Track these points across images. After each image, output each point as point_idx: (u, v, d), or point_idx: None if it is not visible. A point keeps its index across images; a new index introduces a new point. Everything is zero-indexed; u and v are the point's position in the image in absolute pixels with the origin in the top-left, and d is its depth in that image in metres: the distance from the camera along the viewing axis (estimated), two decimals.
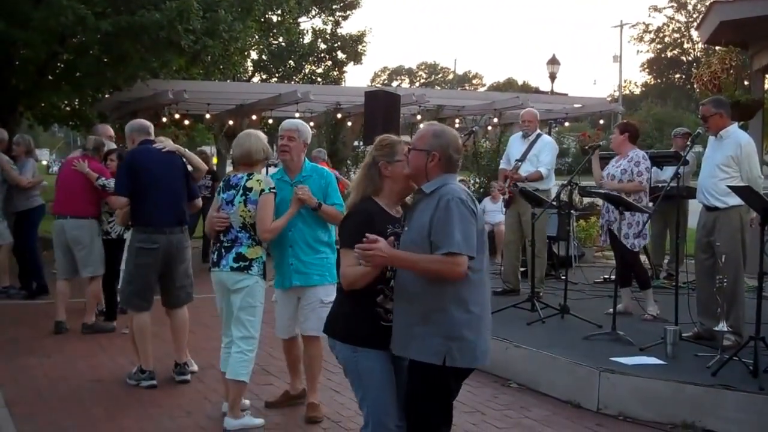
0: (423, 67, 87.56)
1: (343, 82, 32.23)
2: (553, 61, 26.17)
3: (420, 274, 3.22)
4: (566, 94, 23.54)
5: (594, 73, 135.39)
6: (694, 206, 6.95)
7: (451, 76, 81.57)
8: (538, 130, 8.46)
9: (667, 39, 66.61)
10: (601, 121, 19.06)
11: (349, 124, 15.45)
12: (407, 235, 3.34)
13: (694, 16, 59.54)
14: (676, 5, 64.96)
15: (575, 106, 17.53)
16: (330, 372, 5.88)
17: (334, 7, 32.05)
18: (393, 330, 3.35)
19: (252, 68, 30.21)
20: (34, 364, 6.31)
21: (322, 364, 5.32)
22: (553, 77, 26.17)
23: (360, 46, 32.55)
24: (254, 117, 15.18)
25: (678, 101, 56.22)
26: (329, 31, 32.55)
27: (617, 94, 52.86)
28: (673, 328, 5.89)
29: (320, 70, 32.25)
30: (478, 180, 14.10)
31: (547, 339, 6.28)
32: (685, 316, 6.32)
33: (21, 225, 9.13)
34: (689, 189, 8.21)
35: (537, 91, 50.00)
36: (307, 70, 31.87)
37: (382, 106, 9.99)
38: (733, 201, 5.88)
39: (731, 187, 5.74)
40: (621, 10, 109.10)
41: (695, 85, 9.67)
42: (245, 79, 27.90)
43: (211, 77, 17.85)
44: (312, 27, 32.73)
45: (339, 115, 15.39)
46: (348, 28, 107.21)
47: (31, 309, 8.48)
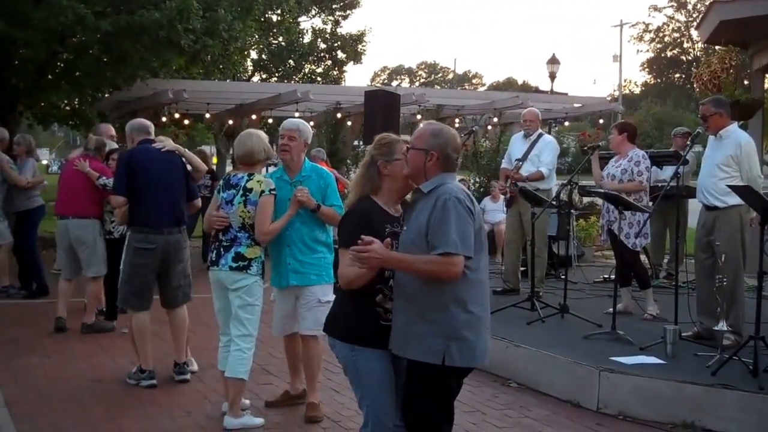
0: (423, 67, 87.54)
1: (343, 82, 32.20)
2: (553, 61, 26.20)
3: (416, 274, 3.21)
4: (566, 94, 23.61)
5: (594, 73, 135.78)
6: (694, 206, 6.95)
7: (450, 76, 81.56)
8: (540, 130, 8.46)
9: (666, 38, 66.58)
10: (601, 121, 19.06)
11: (349, 123, 15.46)
12: (406, 234, 3.34)
13: (694, 15, 59.46)
14: (675, 5, 64.91)
15: (575, 105, 17.54)
16: (330, 372, 5.88)
17: (334, 6, 32.00)
18: (392, 329, 3.34)
19: (252, 68, 30.19)
20: (34, 364, 6.30)
21: (322, 363, 5.33)
22: (552, 77, 26.19)
23: (360, 46, 32.49)
24: (254, 116, 15.19)
25: (678, 101, 56.21)
26: (329, 31, 32.50)
27: (617, 93, 52.83)
28: (672, 327, 5.89)
29: (320, 70, 32.20)
30: (478, 179, 14.08)
31: (546, 338, 6.28)
32: (685, 315, 6.32)
33: (21, 225, 9.12)
34: (689, 188, 8.21)
35: (537, 90, 50.11)
36: (306, 70, 31.82)
37: (381, 106, 9.98)
38: (733, 200, 5.88)
39: (731, 186, 5.74)
40: (621, 9, 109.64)
41: (695, 85, 9.65)
42: (245, 79, 27.90)
43: (210, 77, 17.86)
44: (312, 26, 32.76)
45: (339, 115, 15.39)
46: (348, 27, 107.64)
47: (31, 309, 8.47)
